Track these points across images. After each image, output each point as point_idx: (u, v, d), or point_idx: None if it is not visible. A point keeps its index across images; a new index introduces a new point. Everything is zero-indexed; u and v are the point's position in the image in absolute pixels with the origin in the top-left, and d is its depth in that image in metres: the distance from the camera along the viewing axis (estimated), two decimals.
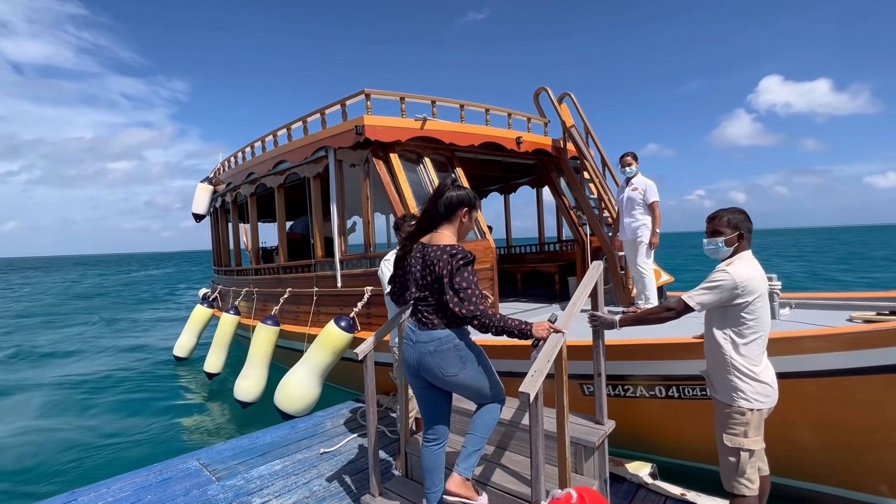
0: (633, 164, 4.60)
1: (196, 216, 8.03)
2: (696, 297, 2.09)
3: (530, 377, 1.82)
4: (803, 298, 3.79)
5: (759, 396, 2.04)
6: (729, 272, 2.04)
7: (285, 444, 3.62)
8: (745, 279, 2.02)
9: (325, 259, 5.03)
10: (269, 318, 5.20)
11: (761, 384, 2.05)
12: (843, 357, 2.38)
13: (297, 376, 4.21)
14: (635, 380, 2.93)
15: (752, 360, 2.06)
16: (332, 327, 4.14)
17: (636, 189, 4.48)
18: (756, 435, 2.06)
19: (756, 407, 2.04)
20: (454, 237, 2.08)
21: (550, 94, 5.70)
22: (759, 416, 2.06)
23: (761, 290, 2.06)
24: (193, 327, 7.74)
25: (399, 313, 2.70)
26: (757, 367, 2.06)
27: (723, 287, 2.04)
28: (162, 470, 3.24)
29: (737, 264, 2.08)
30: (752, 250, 2.18)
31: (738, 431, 2.06)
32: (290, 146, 5.23)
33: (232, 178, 6.89)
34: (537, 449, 1.91)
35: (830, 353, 2.41)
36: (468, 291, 1.88)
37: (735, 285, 2.01)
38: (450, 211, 2.06)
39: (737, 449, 2.06)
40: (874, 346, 2.30)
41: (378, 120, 4.18)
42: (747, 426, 2.05)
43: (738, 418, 2.06)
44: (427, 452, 2.22)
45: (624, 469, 2.87)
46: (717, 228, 2.19)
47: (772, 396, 2.08)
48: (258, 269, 6.42)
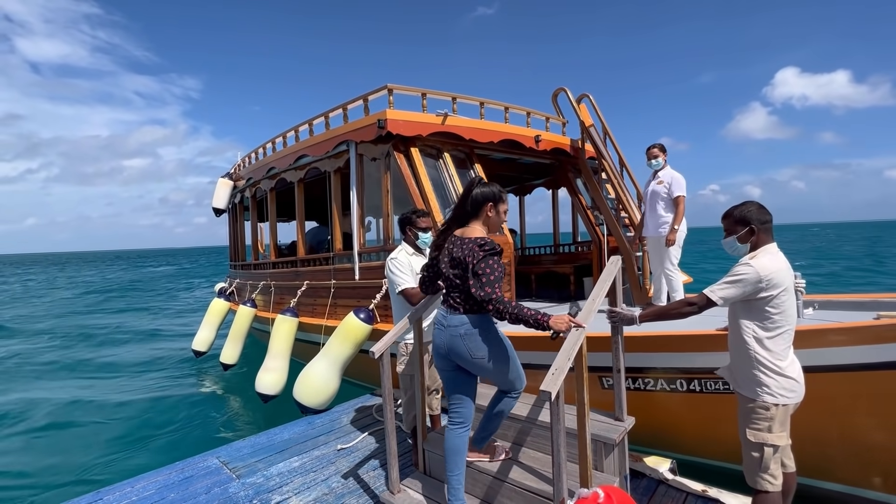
0: (661, 157, 4.39)
1: (216, 210, 8.17)
2: (718, 292, 2.06)
3: (551, 375, 1.81)
4: (828, 299, 3.72)
5: (784, 391, 2.02)
6: (752, 265, 2.02)
7: (303, 441, 3.64)
8: (769, 272, 1.99)
9: (343, 252, 5.08)
10: (289, 309, 5.26)
11: (787, 379, 2.02)
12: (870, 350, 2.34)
13: (318, 369, 4.21)
14: (655, 373, 2.90)
15: (777, 354, 2.03)
16: (351, 319, 4.16)
17: (661, 182, 4.28)
18: (781, 430, 2.03)
19: (781, 402, 2.02)
20: (483, 230, 2.23)
21: (569, 95, 5.71)
22: (785, 412, 2.03)
23: (786, 284, 2.03)
24: (211, 321, 7.83)
25: (417, 310, 2.70)
26: (783, 362, 2.03)
27: (746, 280, 2.01)
28: (183, 468, 3.27)
29: (760, 257, 2.06)
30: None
31: (762, 426, 2.03)
32: (311, 140, 5.31)
33: (252, 174, 7.00)
34: (559, 447, 1.90)
35: (857, 346, 2.36)
36: (488, 277, 2.02)
37: (759, 278, 1.99)
38: (476, 207, 2.22)
39: (760, 444, 2.03)
40: None
41: (400, 114, 4.23)
42: (772, 421, 2.02)
43: (762, 413, 2.03)
44: (452, 436, 2.28)
45: (643, 465, 2.84)
46: (729, 227, 2.19)
47: (798, 392, 2.05)
48: (276, 263, 6.51)
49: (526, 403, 2.79)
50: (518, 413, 2.69)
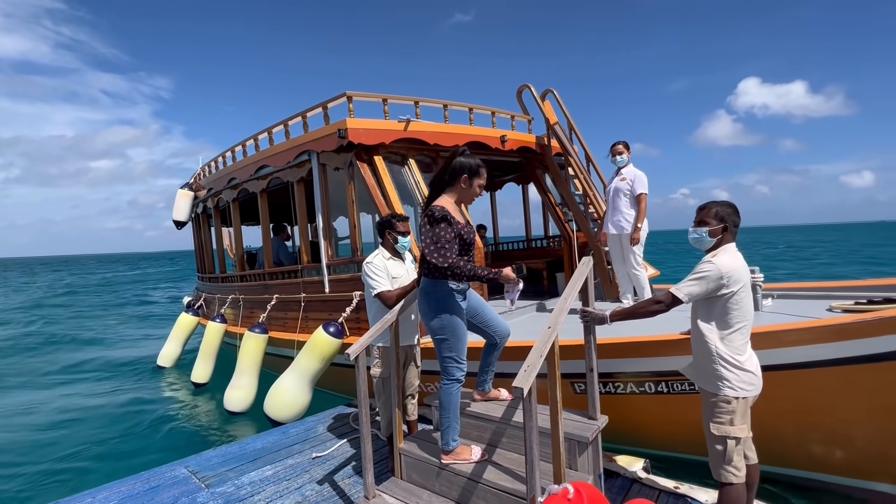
0: (625, 154, 4.37)
1: (177, 223, 7.86)
2: (683, 289, 2.12)
3: (523, 372, 1.83)
4: (785, 289, 3.89)
5: (743, 385, 2.09)
6: (714, 262, 2.08)
7: (276, 450, 3.58)
8: (729, 269, 2.06)
9: (311, 264, 4.98)
10: (257, 325, 5.13)
11: (746, 372, 2.10)
12: (825, 349, 2.45)
13: (287, 384, 4.17)
14: (625, 377, 2.97)
15: (736, 349, 2.11)
16: (320, 333, 4.10)
17: (624, 179, 4.28)
18: (742, 423, 2.10)
19: (741, 395, 2.09)
20: (451, 201, 2.33)
21: (533, 91, 5.72)
22: (745, 405, 2.11)
23: (744, 281, 2.10)
24: (178, 336, 7.60)
25: (393, 313, 2.69)
26: (741, 357, 2.11)
27: (709, 277, 2.07)
28: (149, 478, 3.18)
29: (721, 255, 2.13)
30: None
31: (725, 420, 2.10)
32: (271, 150, 5.15)
33: (213, 184, 6.76)
34: (532, 444, 1.92)
35: (813, 345, 2.47)
36: (438, 245, 2.18)
37: (720, 275, 2.05)
38: (452, 176, 2.31)
39: (723, 437, 2.10)
40: (855, 337, 2.37)
41: (361, 122, 4.13)
42: (733, 414, 2.09)
43: (724, 407, 2.10)
44: (444, 393, 2.47)
45: (617, 464, 2.90)
46: (704, 219, 2.22)
47: (756, 385, 2.13)
48: (243, 276, 6.32)
49: (501, 405, 2.81)
50: (493, 414, 2.70)
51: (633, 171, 4.30)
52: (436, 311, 2.37)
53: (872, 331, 2.33)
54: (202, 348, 6.20)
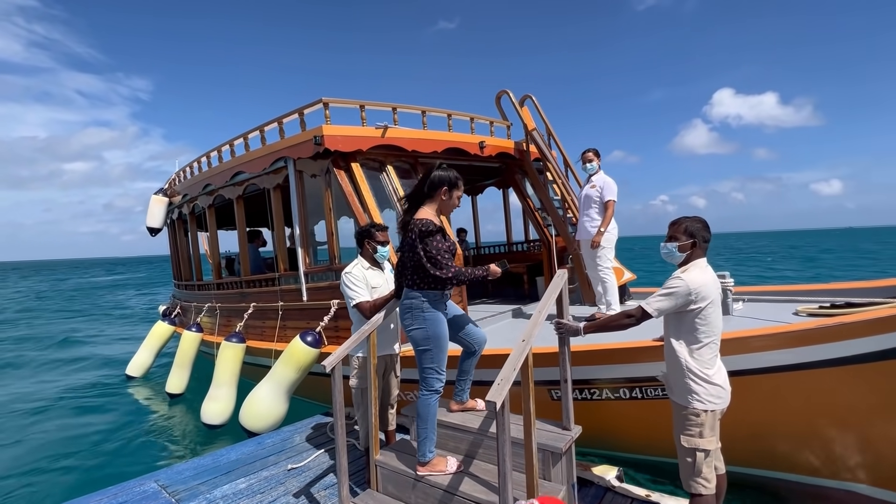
0: (595, 161, 4.36)
1: (151, 230, 7.67)
2: (653, 304, 2.16)
3: (497, 385, 1.84)
4: (754, 293, 3.99)
5: (712, 398, 2.13)
6: (683, 279, 2.12)
7: (251, 462, 3.51)
8: (698, 285, 2.10)
9: (288, 272, 4.91)
10: (235, 335, 5.02)
11: (714, 386, 2.14)
12: (789, 354, 2.52)
13: (263, 394, 4.11)
14: (600, 383, 3.00)
15: (705, 363, 2.14)
16: (297, 343, 4.04)
17: (594, 186, 4.30)
18: (710, 435, 2.14)
19: (710, 408, 2.13)
20: (433, 212, 2.41)
21: (512, 97, 5.76)
22: (713, 417, 2.15)
23: (713, 297, 2.14)
24: (151, 345, 7.40)
25: (371, 323, 2.68)
26: (710, 370, 2.14)
27: (678, 293, 2.11)
28: (117, 493, 3.09)
29: (691, 271, 2.16)
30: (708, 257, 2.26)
31: (694, 432, 2.14)
32: (247, 157, 5.07)
33: (188, 190, 6.62)
34: (504, 457, 1.93)
35: (778, 350, 2.54)
36: (438, 258, 2.26)
37: (689, 291, 2.09)
38: (432, 189, 2.40)
39: (693, 449, 2.14)
40: (818, 342, 2.44)
41: (338, 129, 4.10)
42: (702, 427, 2.13)
43: (694, 419, 2.14)
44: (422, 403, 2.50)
45: (591, 473, 2.93)
46: (674, 234, 2.27)
47: (724, 398, 2.17)
48: (220, 284, 6.20)
49: (478, 416, 2.81)
50: (469, 425, 2.71)
51: (602, 178, 4.31)
52: (419, 322, 2.41)
53: (833, 336, 2.40)
54: (177, 358, 6.05)
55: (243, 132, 5.20)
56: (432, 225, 2.30)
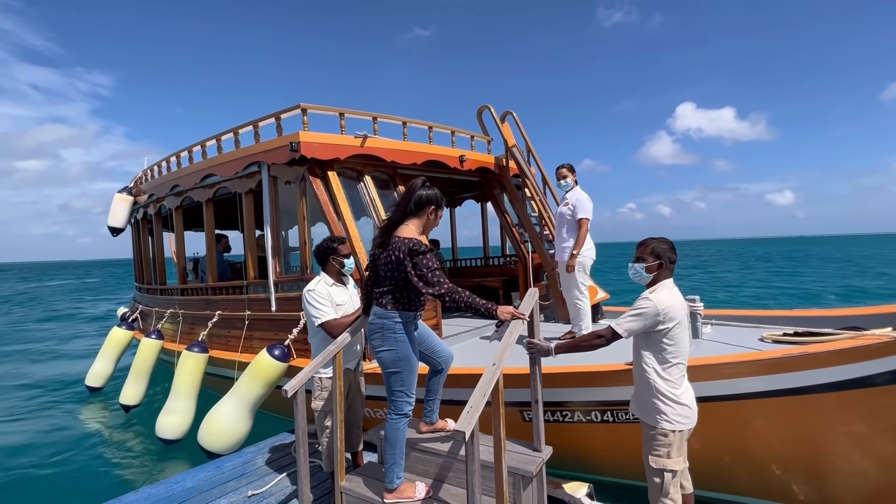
0: (569, 177, 4.15)
1: (113, 230, 7.30)
2: (623, 325, 2.19)
3: (466, 413, 1.79)
4: (722, 316, 4.09)
5: (679, 418, 2.15)
6: (652, 299, 2.15)
7: (209, 489, 3.29)
8: (665, 306, 2.13)
9: (258, 280, 4.73)
10: (197, 344, 4.78)
11: (681, 406, 2.16)
12: (758, 381, 2.56)
13: (225, 411, 3.86)
14: (572, 406, 2.99)
15: (672, 383, 2.17)
16: (264, 357, 3.84)
17: (567, 204, 4.07)
18: (678, 455, 2.16)
19: (677, 428, 2.15)
20: (417, 231, 2.38)
21: (493, 113, 5.80)
22: (681, 437, 2.17)
23: (680, 317, 2.17)
24: (110, 352, 6.97)
25: (337, 343, 2.58)
26: (678, 390, 2.17)
27: (646, 314, 2.14)
28: None
29: (659, 292, 2.19)
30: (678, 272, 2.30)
31: (662, 453, 2.16)
32: (219, 159, 4.90)
33: (155, 190, 6.34)
34: (474, 487, 1.89)
35: (748, 378, 2.58)
36: (430, 276, 2.19)
37: (657, 311, 2.12)
38: (419, 207, 2.36)
39: (661, 470, 2.15)
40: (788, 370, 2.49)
41: (315, 136, 4.00)
42: (670, 447, 2.15)
43: (662, 440, 2.16)
44: (390, 427, 2.42)
45: (562, 491, 2.89)
46: (641, 255, 2.31)
47: (691, 418, 2.20)
48: (185, 290, 5.93)
49: (448, 438, 2.74)
50: (440, 448, 2.64)
51: (576, 195, 4.09)
52: (390, 344, 2.33)
53: (800, 365, 2.46)
54: (134, 366, 5.71)
55: (216, 134, 5.03)
56: (423, 245, 2.26)
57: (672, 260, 2.27)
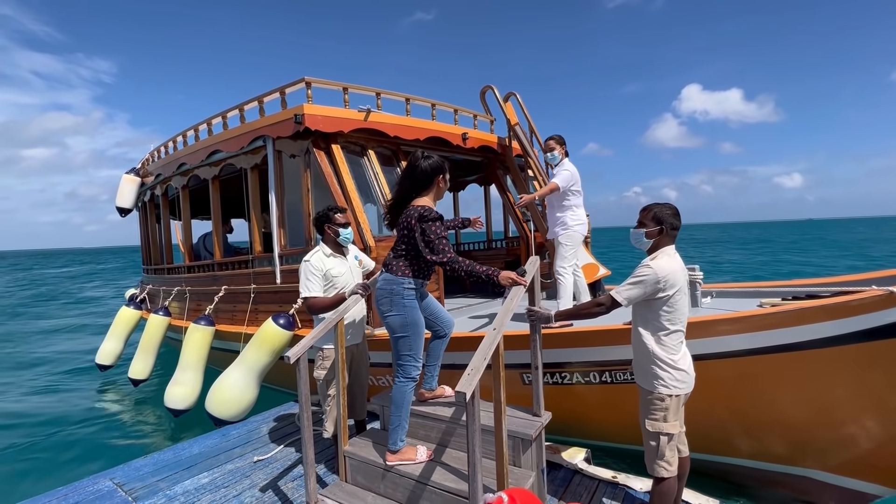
0: (556, 149, 3.89)
1: (121, 210, 7.40)
2: (623, 293, 2.18)
3: (467, 375, 1.81)
4: (721, 288, 4.10)
5: (676, 383, 2.17)
6: (652, 266, 2.14)
7: (215, 455, 3.38)
8: (666, 273, 2.12)
9: (263, 254, 4.79)
10: (203, 317, 4.87)
11: (679, 371, 2.17)
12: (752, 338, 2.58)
13: (232, 379, 3.95)
14: (570, 367, 3.02)
15: (671, 349, 2.18)
16: (269, 325, 3.92)
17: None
18: (674, 419, 2.18)
19: (674, 393, 2.16)
20: (431, 200, 2.46)
21: (496, 93, 5.78)
22: (677, 402, 2.19)
23: (680, 284, 2.17)
24: (118, 331, 7.10)
25: (338, 312, 2.62)
26: (675, 356, 2.18)
27: (646, 281, 2.14)
28: (67, 494, 2.90)
29: (659, 259, 2.19)
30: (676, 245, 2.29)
31: (658, 416, 2.18)
32: (225, 135, 4.94)
33: (161, 170, 6.41)
34: (474, 446, 1.92)
35: (741, 334, 2.60)
36: (436, 243, 2.28)
37: (657, 279, 2.11)
38: (427, 179, 2.42)
39: (657, 433, 2.17)
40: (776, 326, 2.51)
41: (319, 109, 4.02)
42: (666, 411, 2.17)
43: (658, 404, 2.18)
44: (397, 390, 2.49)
45: (560, 457, 2.95)
46: (643, 220, 2.30)
47: (688, 382, 2.21)
48: (191, 267, 6.01)
49: (449, 404, 2.80)
50: (441, 414, 2.69)
51: (562, 167, 3.86)
52: (398, 309, 2.39)
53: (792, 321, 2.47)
54: (142, 342, 5.83)
55: (221, 111, 5.07)
56: (434, 212, 2.34)
57: (674, 226, 2.25)
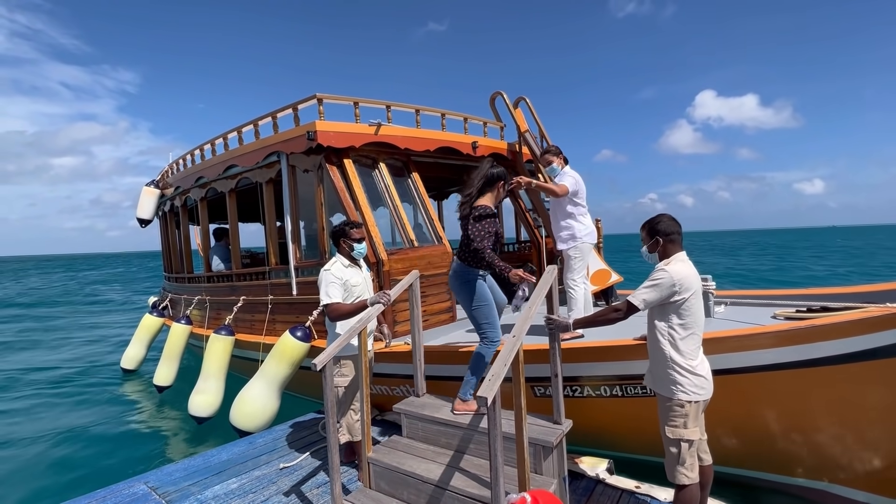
0: (554, 162, 3.86)
1: (141, 221, 7.63)
2: (639, 296, 2.23)
3: (488, 381, 1.86)
4: (734, 296, 4.07)
5: (696, 389, 2.18)
6: (668, 270, 2.19)
7: (242, 461, 3.51)
8: (681, 277, 2.16)
9: (279, 266, 4.92)
10: (224, 327, 5.03)
11: (697, 377, 2.19)
12: (772, 353, 2.58)
13: (254, 392, 4.08)
14: (584, 380, 3.06)
15: (688, 354, 2.20)
16: (287, 338, 4.04)
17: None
18: (694, 426, 2.19)
19: (693, 399, 2.18)
20: (491, 202, 2.98)
21: (506, 99, 5.80)
22: (697, 408, 2.20)
23: (695, 288, 2.20)
24: (142, 337, 7.36)
25: (362, 321, 2.70)
26: (693, 361, 2.20)
27: (662, 285, 2.17)
28: (105, 497, 3.06)
29: (673, 264, 2.23)
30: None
31: (678, 423, 2.19)
32: (240, 150, 5.07)
33: (180, 182, 6.60)
34: (496, 451, 1.96)
35: (762, 350, 2.59)
36: (478, 236, 2.80)
37: (673, 282, 2.15)
38: (490, 183, 2.95)
39: (677, 440, 2.19)
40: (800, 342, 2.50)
41: (331, 125, 4.12)
42: (686, 417, 2.18)
43: (678, 410, 2.19)
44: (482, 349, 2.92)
45: (581, 466, 2.97)
46: (642, 238, 2.38)
47: (707, 389, 2.23)
48: (210, 277, 6.19)
49: (468, 412, 2.86)
50: (460, 421, 2.76)
51: (564, 175, 3.82)
52: (468, 288, 2.91)
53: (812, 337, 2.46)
54: (166, 350, 6.03)
55: (237, 126, 5.20)
56: (489, 210, 2.88)
57: (669, 232, 2.28)
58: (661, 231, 2.30)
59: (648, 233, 2.35)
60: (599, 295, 5.10)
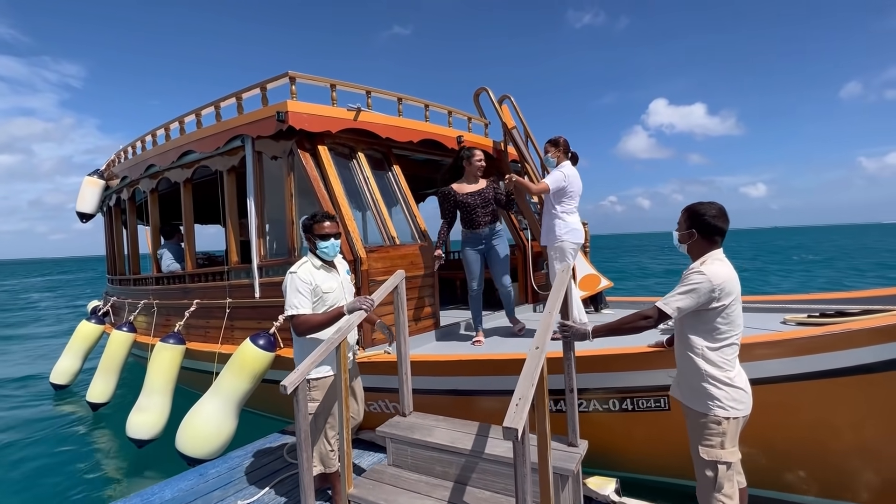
0: (550, 153, 3.80)
1: (82, 215, 6.79)
2: (672, 303, 1.92)
3: (515, 406, 1.49)
4: (742, 302, 3.90)
5: (734, 403, 1.91)
6: (705, 273, 1.88)
7: (191, 500, 2.91)
8: (721, 280, 1.87)
9: (240, 265, 4.35)
10: (173, 335, 4.37)
11: (736, 390, 1.92)
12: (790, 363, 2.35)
13: (207, 410, 3.45)
14: (588, 394, 2.73)
15: (725, 365, 1.92)
16: (248, 347, 3.45)
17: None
18: (732, 445, 1.92)
19: (732, 415, 1.90)
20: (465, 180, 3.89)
21: (491, 95, 5.52)
22: (736, 425, 1.93)
23: (736, 293, 1.93)
24: (77, 347, 6.49)
25: (342, 332, 2.26)
26: (731, 372, 1.93)
27: (699, 290, 1.88)
28: None
29: (710, 264, 1.93)
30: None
31: (715, 442, 1.91)
32: (198, 134, 4.50)
33: (128, 172, 5.88)
34: (525, 494, 1.58)
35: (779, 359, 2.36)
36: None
37: (713, 287, 1.86)
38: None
39: (713, 462, 1.90)
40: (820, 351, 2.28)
41: (304, 107, 3.65)
42: (724, 436, 1.90)
43: (715, 428, 1.91)
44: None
45: (588, 487, 2.65)
46: (679, 220, 2.06)
47: (746, 403, 1.96)
48: (160, 279, 5.50)
49: (468, 433, 2.47)
50: (461, 446, 2.36)
51: (555, 170, 3.74)
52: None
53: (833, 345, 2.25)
54: (103, 361, 5.27)
55: (195, 108, 4.63)
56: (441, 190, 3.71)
57: (708, 230, 1.97)
58: (702, 226, 1.98)
59: (687, 218, 2.02)
60: (588, 301, 4.86)
